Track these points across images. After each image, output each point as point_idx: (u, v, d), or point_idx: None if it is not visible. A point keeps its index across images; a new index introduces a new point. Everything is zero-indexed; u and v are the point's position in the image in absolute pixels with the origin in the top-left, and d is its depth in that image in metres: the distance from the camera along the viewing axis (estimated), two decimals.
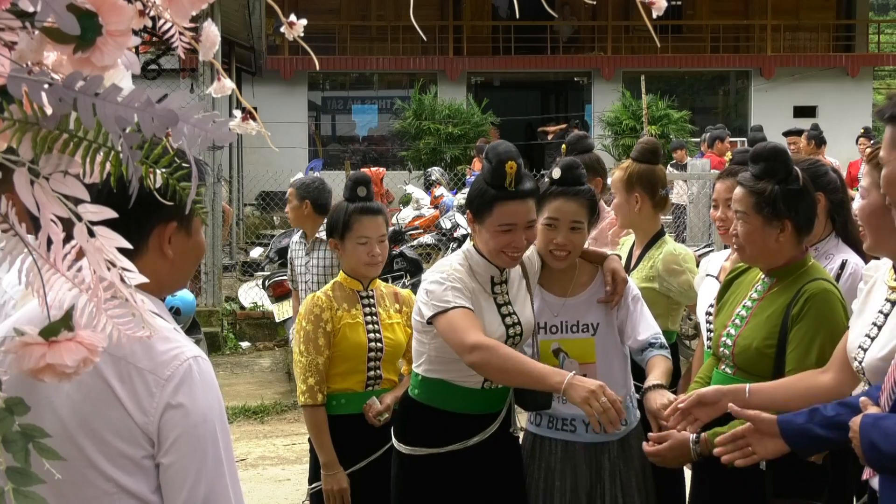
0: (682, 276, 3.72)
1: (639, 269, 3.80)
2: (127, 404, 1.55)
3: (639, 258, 3.86)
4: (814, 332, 2.70)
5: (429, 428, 3.05)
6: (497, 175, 2.84)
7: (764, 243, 2.80)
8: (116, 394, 1.55)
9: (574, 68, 22.77)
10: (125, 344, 1.54)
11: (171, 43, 1.19)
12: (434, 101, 20.21)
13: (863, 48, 23.52)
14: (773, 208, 2.76)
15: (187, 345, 1.64)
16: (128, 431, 1.56)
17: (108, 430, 1.55)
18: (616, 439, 3.08)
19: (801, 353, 2.70)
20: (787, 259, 2.81)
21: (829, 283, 2.77)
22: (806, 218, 2.80)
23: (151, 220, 1.64)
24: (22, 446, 0.95)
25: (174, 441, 1.57)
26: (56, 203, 0.97)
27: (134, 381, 1.56)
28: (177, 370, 1.58)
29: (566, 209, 3.04)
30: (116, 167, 0.98)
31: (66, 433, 1.55)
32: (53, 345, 0.99)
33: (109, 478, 1.56)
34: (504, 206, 2.86)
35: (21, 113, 0.95)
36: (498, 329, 2.95)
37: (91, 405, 1.55)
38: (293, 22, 1.47)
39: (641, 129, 13.55)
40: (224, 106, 10.35)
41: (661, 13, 1.35)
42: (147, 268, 1.63)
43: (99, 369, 1.55)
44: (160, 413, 1.56)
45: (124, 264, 1.05)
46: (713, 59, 22.54)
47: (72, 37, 0.91)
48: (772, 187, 2.77)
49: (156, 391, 1.56)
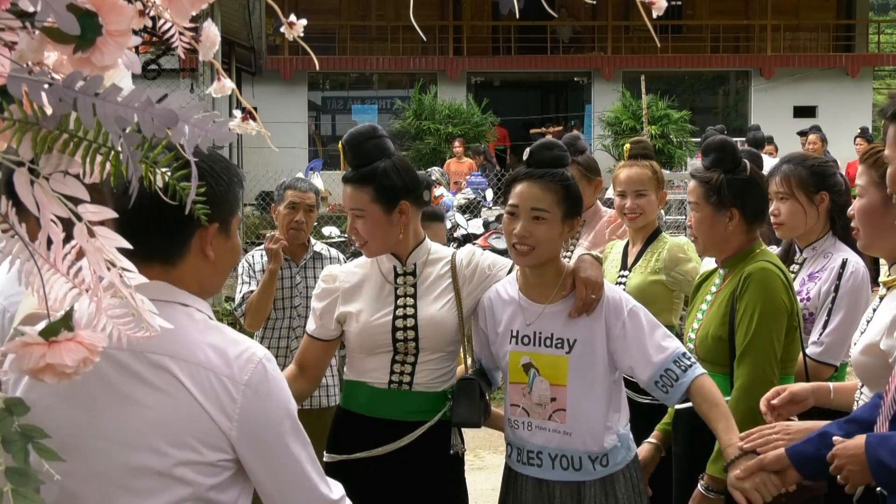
0: (689, 263, 3.79)
1: (641, 266, 3.85)
2: (211, 412, 1.58)
3: (638, 255, 3.90)
4: (752, 308, 2.76)
5: (343, 433, 2.83)
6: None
7: (713, 231, 2.90)
8: (200, 403, 1.57)
9: (574, 68, 22.77)
10: (198, 351, 1.58)
11: (171, 43, 1.19)
12: (434, 101, 20.21)
13: (863, 48, 23.52)
14: (720, 196, 2.87)
15: (253, 345, 1.67)
16: (213, 438, 1.58)
17: (194, 437, 1.57)
18: (596, 478, 2.67)
19: (744, 330, 2.77)
20: (736, 247, 2.91)
21: (769, 264, 2.82)
22: (753, 206, 2.89)
23: (194, 223, 1.65)
24: (21, 446, 0.95)
25: (257, 442, 1.61)
26: (56, 203, 0.97)
27: (215, 388, 1.59)
28: (253, 373, 1.61)
29: (526, 194, 2.61)
30: (116, 167, 0.98)
31: (145, 442, 1.56)
32: (53, 345, 0.99)
33: (190, 482, 1.57)
34: (345, 188, 2.76)
35: (21, 113, 0.95)
36: (380, 320, 2.75)
37: (174, 414, 1.57)
38: (293, 22, 1.47)
39: (641, 129, 13.54)
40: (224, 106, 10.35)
41: (661, 13, 1.35)
42: (190, 270, 1.67)
43: (178, 378, 1.57)
44: (242, 417, 1.60)
45: (124, 264, 1.05)
46: (713, 59, 22.54)
47: (72, 37, 0.91)
48: (717, 176, 2.89)
49: (237, 396, 1.59)
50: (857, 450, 2.09)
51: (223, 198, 1.69)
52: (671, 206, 11.11)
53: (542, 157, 2.64)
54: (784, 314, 2.76)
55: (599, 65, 22.19)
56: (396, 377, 2.77)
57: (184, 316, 1.64)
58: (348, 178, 2.72)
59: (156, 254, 1.65)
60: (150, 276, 1.63)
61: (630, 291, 3.87)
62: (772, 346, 2.75)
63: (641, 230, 3.94)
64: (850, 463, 2.13)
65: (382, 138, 2.72)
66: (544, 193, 2.60)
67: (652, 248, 3.90)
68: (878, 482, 2.09)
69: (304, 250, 4.48)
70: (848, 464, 2.14)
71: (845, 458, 2.14)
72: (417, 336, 2.75)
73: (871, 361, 2.37)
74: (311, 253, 4.50)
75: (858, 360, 2.44)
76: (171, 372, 1.57)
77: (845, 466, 2.14)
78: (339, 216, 13.04)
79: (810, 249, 3.23)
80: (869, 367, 2.39)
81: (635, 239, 3.99)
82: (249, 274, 4.45)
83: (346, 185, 2.73)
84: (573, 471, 2.65)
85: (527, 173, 2.64)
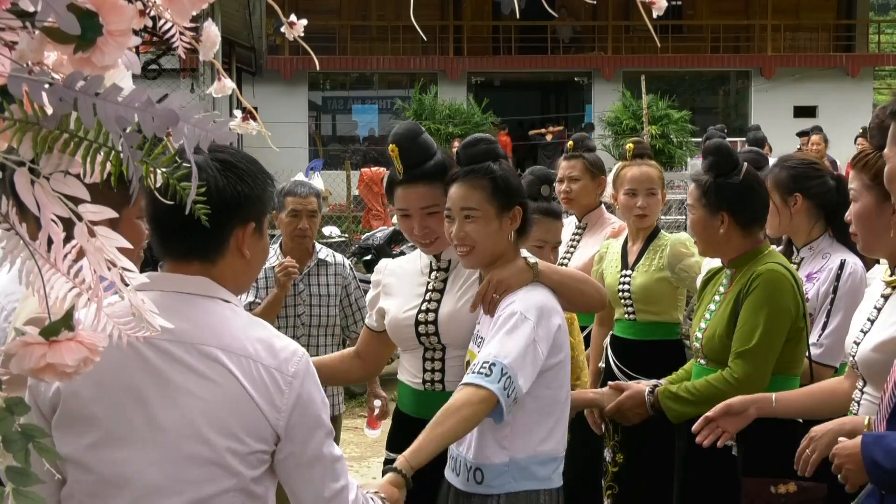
0: (692, 258, 3.82)
1: (644, 264, 3.90)
2: (260, 403, 1.62)
3: (640, 254, 3.93)
4: (757, 310, 2.76)
5: (396, 433, 2.78)
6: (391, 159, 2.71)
7: (707, 234, 2.93)
8: (249, 393, 1.62)
9: (574, 68, 22.77)
10: (247, 343, 1.63)
11: (171, 43, 1.19)
12: (434, 101, 20.22)
13: (863, 48, 23.53)
14: (709, 200, 2.89)
15: (291, 340, 1.73)
16: (259, 428, 1.63)
17: (240, 426, 1.62)
18: (460, 488, 2.49)
19: (746, 331, 2.77)
20: (739, 250, 2.91)
21: (779, 266, 2.82)
22: (743, 211, 2.88)
23: (232, 222, 1.69)
24: (22, 446, 0.95)
25: (298, 433, 1.66)
26: (56, 203, 0.97)
27: (264, 380, 1.63)
28: (299, 366, 1.67)
29: (455, 195, 2.53)
30: (117, 167, 0.98)
31: (195, 431, 1.60)
32: (54, 344, 0.99)
33: (236, 473, 1.62)
34: (398, 191, 2.71)
35: (21, 113, 0.95)
36: (406, 314, 2.72)
37: (226, 405, 1.61)
38: (293, 22, 1.47)
39: (642, 130, 13.54)
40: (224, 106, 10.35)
41: (661, 13, 1.35)
42: (228, 269, 1.71)
43: (229, 368, 1.62)
44: (291, 408, 1.65)
45: (125, 265, 1.05)
46: (713, 59, 22.55)
47: (72, 37, 0.91)
48: (708, 180, 2.91)
49: (285, 388, 1.65)
50: (855, 449, 2.09)
51: (260, 198, 1.74)
52: (671, 206, 11.11)
53: (468, 154, 2.56)
54: (788, 317, 2.77)
55: (600, 65, 22.20)
56: (429, 375, 2.73)
57: (228, 311, 1.69)
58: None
59: (195, 252, 1.69)
60: (190, 273, 1.69)
61: (635, 291, 3.89)
62: (770, 349, 2.76)
63: (643, 229, 3.97)
64: (848, 462, 2.13)
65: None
66: (471, 192, 2.51)
67: (654, 246, 3.93)
68: (874, 481, 2.09)
69: (307, 257, 4.32)
70: (846, 463, 2.14)
71: (844, 458, 2.14)
72: (438, 331, 2.68)
73: (885, 359, 2.36)
74: (316, 260, 4.34)
75: (869, 358, 2.43)
76: (222, 362, 1.62)
77: (844, 465, 2.14)
78: (339, 216, 13.04)
79: (807, 249, 3.23)
80: (881, 364, 2.38)
81: (635, 238, 4.01)
82: (255, 283, 4.19)
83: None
84: (451, 471, 2.53)
85: (455, 174, 2.56)
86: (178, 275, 1.69)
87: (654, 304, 3.92)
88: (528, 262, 2.53)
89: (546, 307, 2.44)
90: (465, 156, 2.56)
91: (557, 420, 2.48)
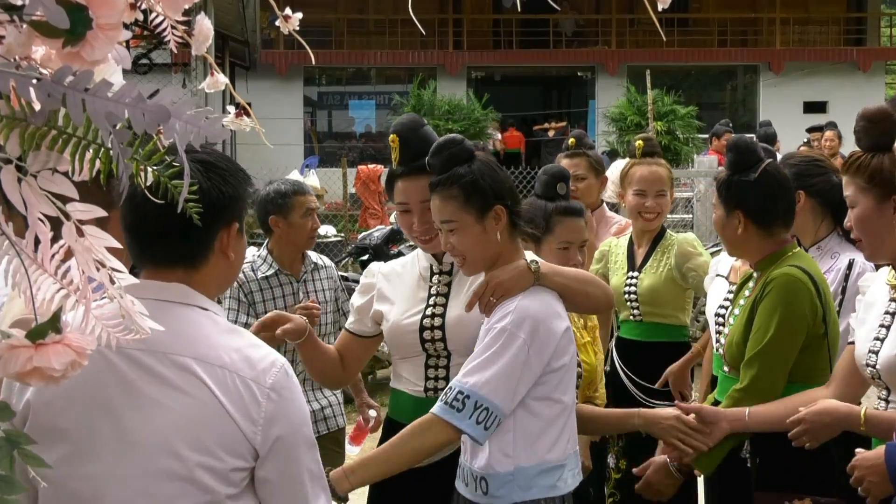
0: (700, 257, 3.84)
1: (652, 266, 3.92)
2: (235, 415, 1.59)
3: (647, 255, 3.94)
4: (769, 315, 2.71)
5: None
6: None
7: (726, 234, 2.89)
8: (224, 406, 1.58)
9: (577, 63, 22.77)
10: (222, 353, 1.60)
11: (162, 37, 1.19)
12: (433, 96, 20.21)
13: (875, 42, 23.53)
14: (723, 198, 2.85)
15: (271, 350, 1.69)
16: (235, 443, 1.60)
17: (216, 442, 1.58)
18: (466, 497, 2.47)
19: (756, 338, 2.72)
20: (762, 252, 2.85)
21: (797, 270, 2.74)
22: (760, 210, 2.82)
23: (218, 223, 1.69)
24: (7, 453, 0.95)
25: (278, 449, 1.63)
26: (44, 201, 0.97)
27: (240, 391, 1.60)
28: (277, 377, 1.63)
29: (434, 209, 2.51)
30: (106, 164, 0.98)
31: (167, 445, 1.57)
32: (40, 347, 0.99)
33: (209, 490, 1.58)
34: (398, 184, 2.70)
35: (9, 109, 0.94)
36: (409, 319, 2.70)
37: (199, 418, 1.58)
38: (289, 15, 1.47)
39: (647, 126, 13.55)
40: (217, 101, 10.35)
41: (666, 6, 1.34)
42: (213, 272, 1.70)
43: (202, 380, 1.58)
44: (267, 422, 1.61)
45: (114, 265, 1.05)
46: (720, 54, 22.54)
47: (61, 31, 0.91)
48: (723, 178, 2.88)
49: (262, 400, 1.61)
50: (878, 460, 2.08)
51: (241, 197, 1.74)
52: (678, 205, 11.11)
53: (433, 164, 2.50)
54: (804, 324, 2.69)
55: (603, 59, 22.19)
56: (432, 384, 2.71)
57: (205, 319, 1.66)
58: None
59: (179, 257, 1.68)
60: (173, 280, 1.67)
61: (643, 293, 3.90)
62: (783, 356, 2.71)
63: (649, 230, 3.98)
64: (870, 474, 2.12)
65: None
66: (444, 204, 2.46)
67: (661, 247, 3.95)
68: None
69: (301, 263, 4.12)
70: (868, 474, 2.12)
71: (865, 469, 2.13)
72: (445, 337, 2.66)
73: None
74: (311, 265, 4.16)
75: (893, 364, 2.40)
76: (196, 373, 1.59)
77: (865, 477, 2.13)
78: (335, 214, 13.03)
79: (815, 249, 3.22)
80: None
81: (641, 239, 4.02)
82: (238, 297, 3.95)
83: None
84: (460, 481, 2.50)
85: (430, 185, 2.51)
86: (154, 282, 1.66)
87: (662, 305, 3.93)
88: (529, 263, 2.49)
89: (544, 315, 2.41)
90: (432, 165, 2.51)
91: (564, 426, 2.46)
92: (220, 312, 1.72)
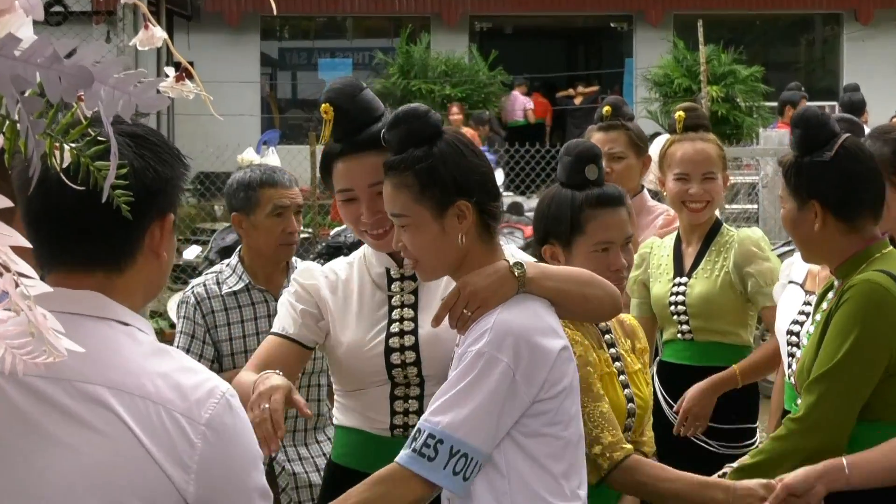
0: (765, 262, 3.82)
1: (705, 269, 3.88)
2: (161, 460, 1.57)
3: (698, 256, 3.91)
4: (843, 331, 2.70)
5: (332, 493, 2.64)
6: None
7: (800, 233, 2.89)
8: (147, 448, 1.56)
9: (610, 11, 22.78)
10: (144, 380, 1.58)
11: None
12: (426, 53, 20.21)
13: None
14: (793, 187, 2.85)
15: (213, 375, 1.68)
16: (164, 496, 1.58)
17: (135, 495, 1.56)
18: None
19: (826, 356, 2.72)
20: (845, 253, 2.83)
21: (883, 276, 2.73)
22: (841, 198, 2.80)
23: (150, 214, 1.68)
24: None
25: (219, 499, 1.62)
26: None
27: (167, 428, 1.58)
28: (215, 410, 1.61)
29: (385, 199, 2.52)
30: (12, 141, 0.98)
31: (74, 499, 1.55)
32: None
33: None
34: (337, 166, 2.72)
35: None
36: (370, 343, 2.69)
37: (114, 463, 1.56)
38: None
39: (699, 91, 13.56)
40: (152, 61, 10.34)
41: None
42: (140, 276, 1.70)
43: (118, 414, 1.57)
44: (202, 468, 1.59)
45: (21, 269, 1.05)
46: (793, 1, 22.56)
47: None
48: (790, 160, 2.87)
49: (196, 440, 1.59)
50: None
51: (177, 182, 1.74)
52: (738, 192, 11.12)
53: (391, 140, 2.48)
54: (885, 344, 2.69)
55: (643, 6, 22.21)
56: (400, 419, 2.71)
57: (124, 336, 1.65)
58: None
59: (99, 258, 1.67)
60: (87, 286, 1.65)
61: (693, 304, 3.86)
62: (853, 383, 2.71)
63: (700, 224, 3.95)
64: None
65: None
66: (396, 192, 2.45)
67: (716, 244, 3.91)
68: None
69: (283, 276, 3.92)
70: None
71: None
72: (419, 360, 2.67)
73: None
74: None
75: None
76: (109, 407, 1.57)
77: None
78: None
79: None
80: None
81: (689, 237, 3.99)
82: (194, 317, 3.83)
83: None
84: None
85: (384, 165, 2.51)
86: (62, 289, 1.60)
87: (718, 319, 3.90)
88: (512, 266, 2.45)
89: (530, 330, 2.38)
90: (388, 141, 2.49)
91: (569, 466, 2.43)
92: (145, 328, 1.70)
